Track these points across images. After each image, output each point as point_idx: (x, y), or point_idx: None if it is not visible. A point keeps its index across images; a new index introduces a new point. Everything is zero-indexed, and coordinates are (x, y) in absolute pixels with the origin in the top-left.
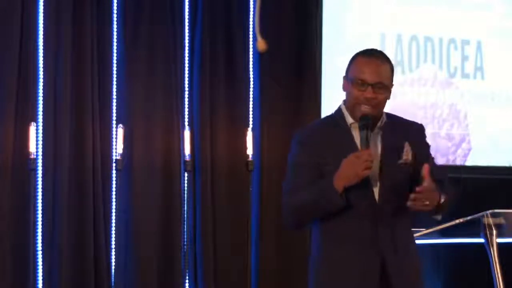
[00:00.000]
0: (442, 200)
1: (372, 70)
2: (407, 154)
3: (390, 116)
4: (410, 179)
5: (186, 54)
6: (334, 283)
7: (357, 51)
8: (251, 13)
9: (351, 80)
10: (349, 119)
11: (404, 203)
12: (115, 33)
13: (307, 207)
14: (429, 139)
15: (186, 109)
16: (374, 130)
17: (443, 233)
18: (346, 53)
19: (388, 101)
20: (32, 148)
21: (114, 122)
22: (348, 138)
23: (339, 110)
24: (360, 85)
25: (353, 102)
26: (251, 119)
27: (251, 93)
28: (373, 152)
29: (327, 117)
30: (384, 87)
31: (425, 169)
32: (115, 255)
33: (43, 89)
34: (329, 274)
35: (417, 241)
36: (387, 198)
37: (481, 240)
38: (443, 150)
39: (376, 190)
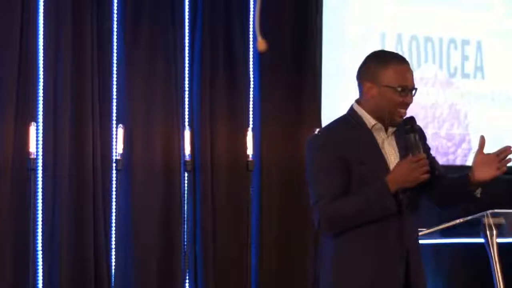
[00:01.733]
0: None
1: (411, 76)
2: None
3: None
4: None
5: (186, 54)
6: (360, 281)
7: (358, 51)
8: (251, 13)
9: (392, 87)
10: (371, 121)
11: (418, 202)
12: (115, 33)
13: (355, 215)
14: (429, 139)
15: (186, 109)
16: (388, 131)
17: (443, 233)
18: (346, 53)
19: None
20: (32, 148)
21: (114, 122)
22: (372, 140)
23: (353, 112)
24: (403, 92)
25: (392, 108)
26: (251, 119)
27: (251, 93)
28: (393, 153)
29: (342, 119)
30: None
31: (482, 139)
32: (115, 255)
33: (43, 89)
34: (354, 272)
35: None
36: (408, 195)
37: (481, 240)
38: (443, 150)
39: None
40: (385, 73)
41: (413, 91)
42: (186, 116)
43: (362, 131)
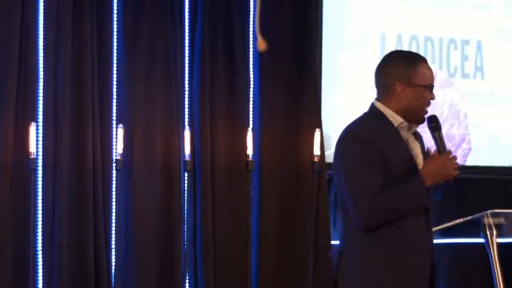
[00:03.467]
0: None
1: (433, 74)
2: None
3: None
4: None
5: (186, 54)
6: (395, 276)
7: (358, 51)
8: (251, 13)
9: (425, 85)
10: (397, 119)
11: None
12: (115, 33)
13: (396, 210)
14: (429, 139)
15: (186, 109)
16: (410, 132)
17: (443, 233)
18: (346, 53)
19: None
20: (32, 148)
21: (114, 122)
22: (399, 139)
23: (378, 111)
24: (431, 89)
25: (424, 106)
26: (251, 119)
27: (251, 93)
28: (417, 150)
29: (368, 117)
30: None
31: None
32: (115, 255)
33: (43, 89)
34: (384, 275)
35: None
36: (430, 197)
37: (481, 240)
38: None
39: None
40: (417, 73)
41: None
42: (186, 116)
43: (391, 130)
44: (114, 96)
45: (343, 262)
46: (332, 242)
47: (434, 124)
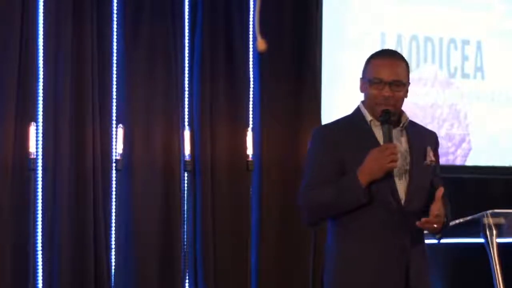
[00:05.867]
0: (445, 220)
1: (387, 69)
2: (431, 157)
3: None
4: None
5: (186, 54)
6: (359, 283)
7: (358, 51)
8: (251, 13)
9: (368, 81)
10: (369, 117)
11: (424, 204)
12: (115, 33)
13: (328, 204)
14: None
15: (186, 109)
16: (397, 128)
17: (443, 233)
18: (346, 53)
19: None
20: (32, 148)
21: (114, 122)
22: (370, 136)
23: (357, 110)
24: (377, 84)
25: (372, 102)
26: (251, 119)
27: (251, 93)
28: (398, 148)
29: (346, 117)
30: (401, 85)
31: (440, 192)
32: (115, 255)
33: (43, 89)
34: (352, 274)
35: None
36: (412, 196)
37: (481, 240)
38: (443, 150)
39: (401, 188)
40: (366, 67)
41: (403, 86)
42: (186, 116)
43: (362, 128)
44: (114, 96)
45: (325, 259)
46: None
47: (383, 118)
